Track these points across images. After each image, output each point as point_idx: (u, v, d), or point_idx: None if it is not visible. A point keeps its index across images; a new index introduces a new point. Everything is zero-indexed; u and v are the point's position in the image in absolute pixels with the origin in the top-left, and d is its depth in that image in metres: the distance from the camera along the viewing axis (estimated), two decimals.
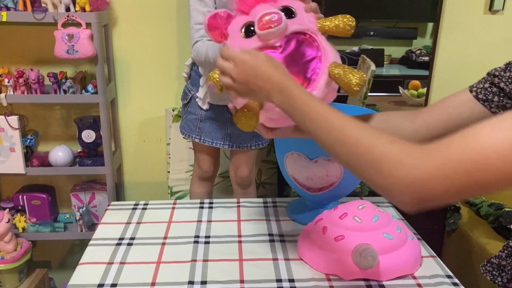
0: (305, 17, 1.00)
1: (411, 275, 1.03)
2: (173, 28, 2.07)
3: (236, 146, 1.68)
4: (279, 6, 0.98)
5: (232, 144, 1.68)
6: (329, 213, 1.10)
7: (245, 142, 1.69)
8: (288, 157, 1.20)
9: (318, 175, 1.18)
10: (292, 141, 1.16)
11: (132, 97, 2.14)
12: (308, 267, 1.08)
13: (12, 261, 1.91)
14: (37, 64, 2.02)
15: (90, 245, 1.20)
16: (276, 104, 0.82)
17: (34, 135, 2.08)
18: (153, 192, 2.28)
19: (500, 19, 2.17)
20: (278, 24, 0.93)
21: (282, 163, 1.23)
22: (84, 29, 1.79)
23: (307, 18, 1.00)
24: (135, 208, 1.39)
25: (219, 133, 1.68)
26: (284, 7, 0.99)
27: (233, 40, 0.98)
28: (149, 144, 2.22)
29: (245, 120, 0.97)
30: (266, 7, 0.96)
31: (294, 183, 1.24)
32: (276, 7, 0.98)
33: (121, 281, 1.04)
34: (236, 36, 0.98)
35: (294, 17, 0.98)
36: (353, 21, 1.03)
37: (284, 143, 1.21)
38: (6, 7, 1.78)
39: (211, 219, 1.33)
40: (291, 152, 1.19)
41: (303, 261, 1.10)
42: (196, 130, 1.69)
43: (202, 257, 1.13)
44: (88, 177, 2.21)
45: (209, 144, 1.69)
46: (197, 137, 1.70)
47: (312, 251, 1.07)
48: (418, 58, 2.33)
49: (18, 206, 2.09)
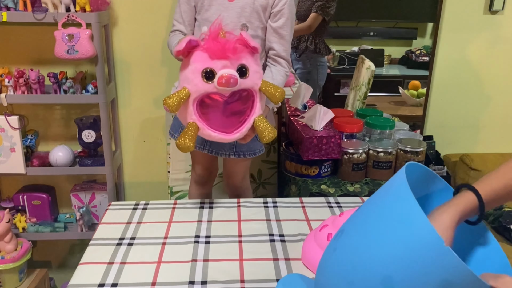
0: (253, 78, 1.28)
1: None
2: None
3: (215, 152, 1.61)
4: (238, 64, 1.25)
5: (211, 150, 1.62)
6: (334, 219, 1.10)
7: (224, 150, 1.61)
8: None
9: None
10: None
11: (132, 97, 2.14)
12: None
13: (12, 261, 1.92)
14: (37, 64, 2.02)
15: (91, 245, 1.20)
16: None
17: (34, 135, 2.08)
18: (153, 192, 2.28)
19: (500, 19, 2.17)
20: (233, 85, 1.22)
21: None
22: (84, 29, 1.79)
23: (254, 79, 1.28)
24: (136, 208, 1.40)
25: (200, 137, 1.57)
26: (241, 66, 1.25)
27: (192, 76, 1.23)
28: (149, 144, 2.22)
29: (184, 144, 1.25)
30: (228, 65, 1.23)
31: None
32: (236, 65, 1.24)
33: (121, 281, 1.04)
34: (196, 75, 1.23)
35: (246, 77, 1.26)
36: (284, 96, 1.33)
37: None
38: (6, 7, 1.78)
39: (212, 219, 1.33)
40: None
41: (305, 266, 1.10)
42: (179, 130, 1.64)
43: (202, 257, 1.13)
44: (88, 177, 2.21)
45: None
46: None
47: (316, 258, 1.07)
48: (418, 58, 2.33)
49: (18, 206, 2.09)
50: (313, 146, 1.78)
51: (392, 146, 1.85)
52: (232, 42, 1.23)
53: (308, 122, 1.90)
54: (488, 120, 2.32)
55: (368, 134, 1.96)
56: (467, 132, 2.34)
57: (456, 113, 2.30)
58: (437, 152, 2.24)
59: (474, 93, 2.27)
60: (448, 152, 2.33)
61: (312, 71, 2.31)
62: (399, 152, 1.86)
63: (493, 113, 2.31)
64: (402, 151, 1.86)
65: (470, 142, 2.36)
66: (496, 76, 2.24)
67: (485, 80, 2.24)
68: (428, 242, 0.63)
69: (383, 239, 0.69)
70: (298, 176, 1.88)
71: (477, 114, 2.31)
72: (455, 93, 2.26)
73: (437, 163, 2.17)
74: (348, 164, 1.83)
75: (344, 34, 2.34)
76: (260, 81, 1.30)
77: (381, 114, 2.08)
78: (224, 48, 1.22)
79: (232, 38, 1.24)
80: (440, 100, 2.27)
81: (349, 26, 2.32)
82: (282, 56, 1.52)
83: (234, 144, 1.59)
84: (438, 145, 2.25)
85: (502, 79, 2.24)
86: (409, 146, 1.85)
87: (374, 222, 0.73)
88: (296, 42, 2.24)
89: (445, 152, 2.32)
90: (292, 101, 2.13)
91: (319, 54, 2.25)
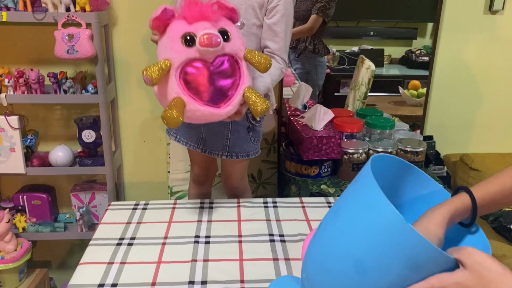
0: (236, 43, 1.18)
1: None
2: None
3: (209, 152, 1.59)
4: (219, 27, 1.15)
5: (205, 149, 1.59)
6: None
7: (217, 150, 1.58)
8: None
9: None
10: None
11: (132, 97, 2.14)
12: None
13: (12, 261, 1.91)
14: (37, 64, 2.02)
15: (91, 245, 1.20)
16: None
17: (34, 135, 2.08)
18: (153, 192, 2.28)
19: (500, 19, 2.17)
20: (216, 45, 1.11)
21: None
22: (84, 29, 1.79)
23: (238, 44, 1.19)
24: (136, 208, 1.40)
25: (195, 136, 1.59)
26: (222, 30, 1.15)
27: (172, 43, 1.14)
28: (149, 144, 2.22)
29: (171, 115, 1.09)
30: (208, 26, 1.13)
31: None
32: (216, 27, 1.14)
33: (121, 281, 1.04)
34: (176, 41, 1.13)
35: (229, 41, 1.16)
36: (270, 65, 1.21)
37: None
38: (6, 7, 1.78)
39: (211, 219, 1.33)
40: None
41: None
42: (174, 128, 1.62)
43: (202, 257, 1.13)
44: (88, 177, 2.21)
45: (183, 144, 1.62)
46: (173, 135, 1.63)
47: None
48: (418, 58, 2.33)
49: (18, 206, 2.09)
50: (313, 146, 1.78)
51: (392, 146, 1.85)
52: (209, 4, 1.16)
53: (308, 122, 1.90)
54: (488, 120, 2.32)
55: (368, 134, 1.97)
56: (467, 132, 2.34)
57: (456, 113, 2.30)
58: (437, 152, 2.24)
59: (474, 93, 2.27)
60: (448, 152, 2.33)
61: (311, 71, 2.31)
62: (399, 152, 1.86)
63: (494, 113, 2.31)
64: (402, 151, 1.86)
65: (470, 142, 2.36)
66: (496, 76, 2.24)
67: (485, 80, 2.24)
68: (391, 222, 0.67)
69: (352, 225, 0.73)
70: (298, 176, 1.88)
71: (477, 114, 2.31)
72: (455, 93, 2.26)
73: (437, 163, 2.18)
74: (348, 164, 1.83)
75: (344, 34, 2.34)
76: (243, 47, 1.20)
77: (381, 114, 2.08)
78: (202, 10, 1.14)
79: (209, 1, 1.17)
80: (440, 100, 2.27)
81: (349, 26, 2.32)
82: (277, 53, 1.46)
83: (227, 145, 1.57)
84: (438, 145, 2.25)
85: (502, 79, 2.24)
86: (409, 146, 1.85)
87: (344, 211, 0.77)
88: (295, 43, 2.24)
89: (445, 152, 2.32)
90: (292, 101, 2.13)
91: (318, 54, 2.25)
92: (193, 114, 1.15)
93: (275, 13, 1.44)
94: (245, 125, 1.55)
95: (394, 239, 0.66)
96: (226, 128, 1.53)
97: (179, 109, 1.11)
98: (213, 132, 1.55)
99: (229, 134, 1.54)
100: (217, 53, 1.13)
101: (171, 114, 1.09)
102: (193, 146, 1.59)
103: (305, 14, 2.16)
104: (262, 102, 1.18)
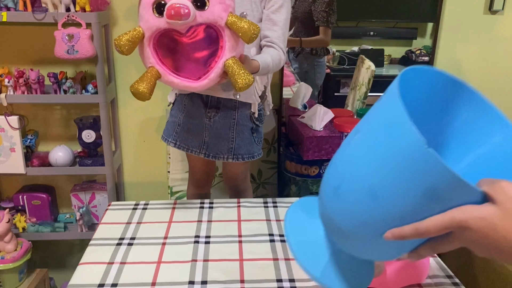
0: (215, 10, 1.07)
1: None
2: None
3: (213, 156, 1.55)
4: None
5: (208, 154, 1.55)
6: None
7: (222, 153, 1.54)
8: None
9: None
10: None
11: (132, 97, 2.12)
12: None
13: (12, 261, 1.91)
14: (37, 64, 2.02)
15: (91, 245, 1.20)
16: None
17: (34, 135, 2.08)
18: (153, 192, 2.28)
19: (500, 19, 2.17)
20: (186, 17, 1.02)
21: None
22: (84, 29, 1.79)
23: (217, 11, 1.07)
24: (136, 208, 1.40)
25: (196, 141, 1.55)
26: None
27: (143, 11, 1.07)
28: (149, 144, 2.22)
29: (136, 90, 1.08)
30: None
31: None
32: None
33: (121, 281, 1.04)
34: (148, 9, 1.06)
35: (206, 8, 1.06)
36: (257, 32, 1.10)
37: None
38: (6, 7, 1.78)
39: (211, 219, 1.33)
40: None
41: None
42: (173, 134, 1.57)
43: (202, 257, 1.13)
44: (88, 177, 2.21)
45: (184, 150, 1.59)
46: (172, 142, 1.57)
47: None
48: (418, 58, 2.33)
49: (18, 206, 2.09)
50: (313, 146, 1.78)
51: None
52: None
53: (308, 122, 1.89)
54: None
55: None
56: None
57: None
58: None
59: None
60: None
61: (309, 71, 2.31)
62: None
63: None
64: None
65: None
66: (496, 76, 2.24)
67: (485, 80, 2.24)
68: (409, 144, 0.57)
69: (369, 146, 0.64)
70: (298, 176, 1.88)
71: None
72: None
73: None
74: None
75: (344, 34, 2.33)
76: (226, 14, 1.08)
77: None
78: None
79: None
80: None
81: (349, 26, 2.32)
82: (275, 41, 1.42)
83: (232, 147, 1.54)
84: None
85: (502, 79, 2.24)
86: None
87: (364, 128, 0.68)
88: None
89: None
90: (292, 101, 2.13)
91: (316, 55, 2.25)
92: (168, 84, 1.14)
93: (273, 3, 1.44)
94: (249, 126, 1.54)
95: (412, 164, 0.57)
96: (231, 130, 1.53)
97: (149, 81, 1.08)
98: (217, 135, 1.53)
99: (234, 137, 1.53)
100: (188, 24, 1.06)
101: (137, 89, 1.08)
102: (195, 152, 1.55)
103: (303, 16, 2.15)
104: (246, 75, 1.08)
